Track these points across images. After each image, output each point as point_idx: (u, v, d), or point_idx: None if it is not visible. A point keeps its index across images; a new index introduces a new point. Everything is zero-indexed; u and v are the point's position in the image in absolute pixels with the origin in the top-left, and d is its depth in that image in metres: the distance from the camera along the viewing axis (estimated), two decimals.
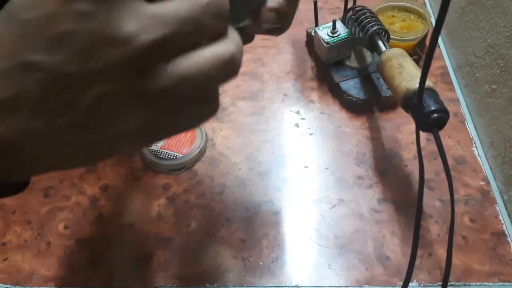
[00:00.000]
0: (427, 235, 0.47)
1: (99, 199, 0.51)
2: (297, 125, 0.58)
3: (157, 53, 0.19)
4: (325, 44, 0.57)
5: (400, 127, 0.56)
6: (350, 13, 0.57)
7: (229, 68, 0.20)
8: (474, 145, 0.54)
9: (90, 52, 0.18)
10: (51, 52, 0.17)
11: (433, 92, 0.41)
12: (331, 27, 0.58)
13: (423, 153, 0.52)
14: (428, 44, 0.31)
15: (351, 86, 0.58)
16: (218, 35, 0.20)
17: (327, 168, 0.53)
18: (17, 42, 0.17)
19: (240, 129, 0.58)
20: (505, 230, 0.47)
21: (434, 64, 0.64)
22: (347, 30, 0.58)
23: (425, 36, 0.62)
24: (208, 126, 0.58)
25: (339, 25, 0.58)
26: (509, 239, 0.46)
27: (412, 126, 0.56)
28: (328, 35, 0.58)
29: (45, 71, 0.18)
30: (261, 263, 0.46)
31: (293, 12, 0.34)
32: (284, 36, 0.69)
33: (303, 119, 0.58)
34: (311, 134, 0.57)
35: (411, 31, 0.61)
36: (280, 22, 0.31)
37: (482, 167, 0.52)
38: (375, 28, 0.53)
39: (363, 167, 0.53)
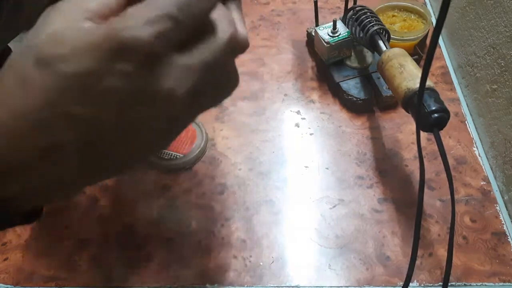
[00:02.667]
0: (428, 235, 0.47)
1: (99, 199, 0.51)
2: (297, 125, 0.58)
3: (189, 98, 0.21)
4: (325, 44, 0.57)
5: (401, 127, 0.56)
6: (350, 13, 0.57)
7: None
8: (474, 145, 0.54)
9: (131, 107, 0.19)
10: (92, 106, 0.19)
11: (433, 92, 0.41)
12: (332, 27, 0.58)
13: (423, 153, 0.53)
14: (428, 44, 0.31)
15: (352, 86, 0.58)
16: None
17: (327, 168, 0.53)
18: (55, 94, 0.18)
19: (241, 129, 0.57)
20: (506, 230, 0.47)
21: (435, 64, 0.64)
22: (347, 30, 0.58)
23: (425, 36, 0.62)
24: (209, 126, 0.58)
25: (339, 25, 0.58)
26: (509, 239, 0.46)
27: (413, 126, 0.56)
28: (328, 35, 0.58)
29: (85, 122, 0.19)
30: (261, 263, 0.46)
31: None
32: (285, 36, 0.69)
33: (303, 119, 0.58)
34: (311, 134, 0.57)
35: (412, 31, 0.61)
36: None
37: (483, 167, 0.52)
38: (375, 28, 0.53)
39: (363, 167, 0.53)
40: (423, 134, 0.41)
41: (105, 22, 0.19)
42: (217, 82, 0.23)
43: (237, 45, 0.22)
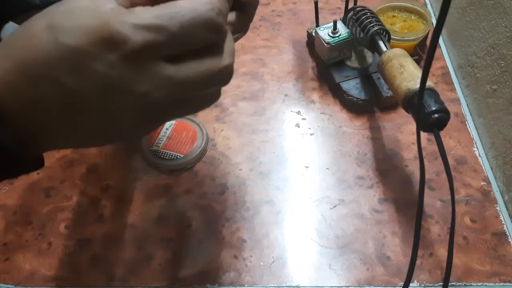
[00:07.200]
0: (428, 235, 0.47)
1: (100, 199, 0.51)
2: (297, 125, 0.58)
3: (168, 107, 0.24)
4: (326, 44, 0.57)
5: (401, 127, 0.56)
6: (351, 14, 0.57)
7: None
8: (474, 145, 0.54)
9: (107, 92, 0.22)
10: (77, 80, 0.21)
11: (433, 93, 0.41)
12: (332, 27, 0.58)
13: (423, 153, 0.53)
14: (429, 44, 0.31)
15: (352, 86, 0.58)
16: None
17: (327, 168, 0.53)
18: (50, 57, 0.20)
19: (241, 129, 0.58)
20: (506, 230, 0.47)
21: (435, 65, 0.64)
22: (348, 30, 0.58)
23: (426, 37, 0.62)
24: (209, 126, 0.58)
25: (340, 25, 0.58)
26: (509, 239, 0.46)
27: (413, 126, 0.56)
28: (329, 35, 0.58)
29: (65, 89, 0.21)
30: (261, 263, 0.46)
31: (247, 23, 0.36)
32: (285, 36, 0.70)
33: (304, 119, 0.58)
34: (311, 134, 0.57)
35: (412, 32, 0.61)
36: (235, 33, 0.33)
37: (483, 167, 0.52)
38: (375, 28, 0.53)
39: (363, 167, 0.53)
40: (423, 135, 0.41)
41: (129, 7, 0.21)
42: (198, 98, 0.25)
43: (228, 76, 0.25)
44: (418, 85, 0.39)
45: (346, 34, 0.58)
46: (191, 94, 0.24)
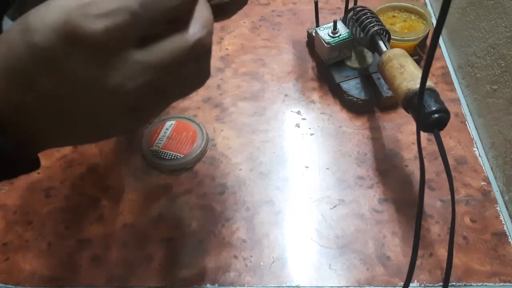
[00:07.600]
0: (428, 235, 0.47)
1: (100, 199, 0.51)
2: (297, 125, 0.58)
3: (146, 96, 0.22)
4: (326, 45, 0.57)
5: (401, 127, 0.56)
6: (351, 14, 0.57)
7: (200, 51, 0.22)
8: (475, 146, 0.54)
9: (83, 91, 0.21)
10: (52, 79, 0.20)
11: (433, 93, 0.41)
12: (332, 28, 0.58)
13: (424, 153, 0.53)
14: (429, 44, 0.31)
15: (352, 87, 0.58)
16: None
17: (327, 168, 0.53)
18: (24, 59, 0.20)
19: (241, 129, 0.58)
20: (506, 231, 0.47)
21: (435, 65, 0.64)
22: (348, 30, 0.58)
23: (426, 37, 0.62)
24: (209, 126, 0.58)
25: (340, 25, 0.58)
26: (509, 239, 0.46)
27: (413, 126, 0.56)
28: (329, 35, 0.58)
29: (47, 91, 0.21)
30: (261, 263, 0.46)
31: None
32: (285, 36, 0.70)
33: (304, 119, 0.58)
34: (311, 134, 0.57)
35: (412, 32, 0.61)
36: None
37: (483, 168, 0.52)
38: (376, 28, 0.53)
39: (363, 167, 0.53)
40: (423, 135, 0.41)
41: None
42: (180, 80, 0.23)
43: (204, 51, 0.22)
44: (418, 85, 0.39)
45: (346, 34, 0.58)
46: (169, 76, 0.22)
